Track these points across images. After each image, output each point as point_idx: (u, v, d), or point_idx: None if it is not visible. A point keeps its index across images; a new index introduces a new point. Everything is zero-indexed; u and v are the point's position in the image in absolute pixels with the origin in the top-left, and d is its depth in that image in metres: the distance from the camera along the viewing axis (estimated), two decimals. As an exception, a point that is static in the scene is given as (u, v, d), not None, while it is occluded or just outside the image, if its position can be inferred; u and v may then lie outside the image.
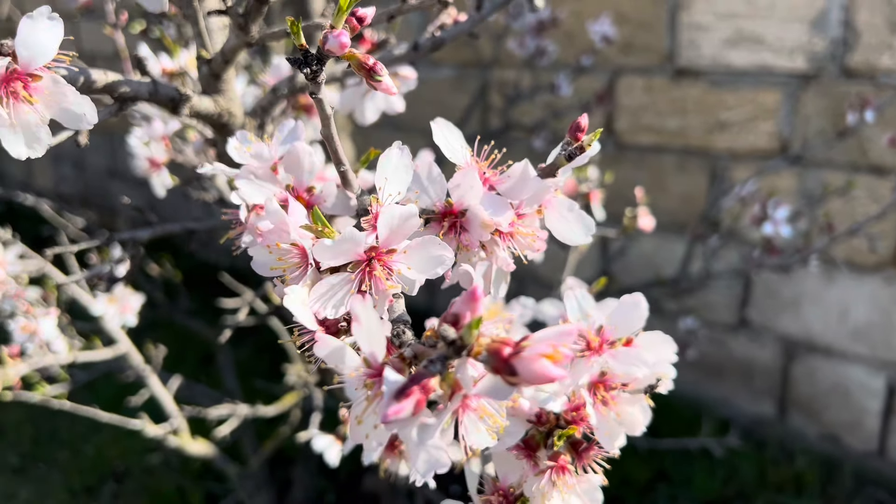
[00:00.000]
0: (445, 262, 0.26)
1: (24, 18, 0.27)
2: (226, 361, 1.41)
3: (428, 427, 0.19)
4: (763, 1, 1.80)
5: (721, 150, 1.94)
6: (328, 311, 0.24)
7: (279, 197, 0.31)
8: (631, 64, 2.05)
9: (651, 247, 2.14)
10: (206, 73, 0.41)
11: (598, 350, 0.33)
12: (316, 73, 0.25)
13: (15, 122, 0.27)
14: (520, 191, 0.30)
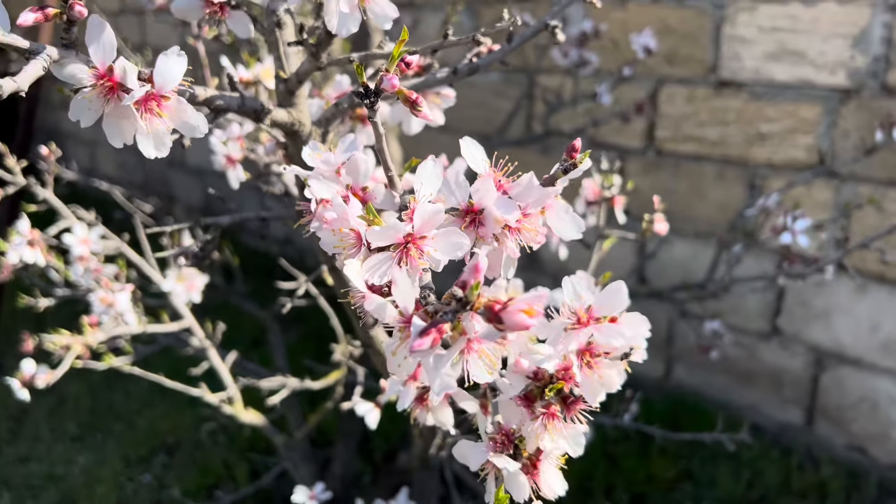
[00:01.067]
0: (464, 247, 0.35)
1: (160, 55, 0.37)
2: (276, 342, 1.52)
3: (441, 357, 0.28)
4: (806, 16, 1.84)
5: (760, 162, 1.98)
6: (375, 279, 0.33)
7: (341, 194, 0.40)
8: (674, 74, 2.10)
9: (687, 253, 2.19)
10: (282, 90, 0.51)
11: (586, 324, 0.41)
12: (373, 103, 0.34)
13: (149, 131, 0.36)
14: (526, 196, 0.39)
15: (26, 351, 1.44)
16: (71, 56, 0.36)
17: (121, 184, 4.57)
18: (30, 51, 0.34)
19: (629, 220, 2.29)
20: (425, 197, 0.35)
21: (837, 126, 1.84)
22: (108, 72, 0.35)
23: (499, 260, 0.39)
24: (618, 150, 2.25)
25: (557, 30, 0.51)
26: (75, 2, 0.34)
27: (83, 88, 0.36)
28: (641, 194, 2.26)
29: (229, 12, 0.51)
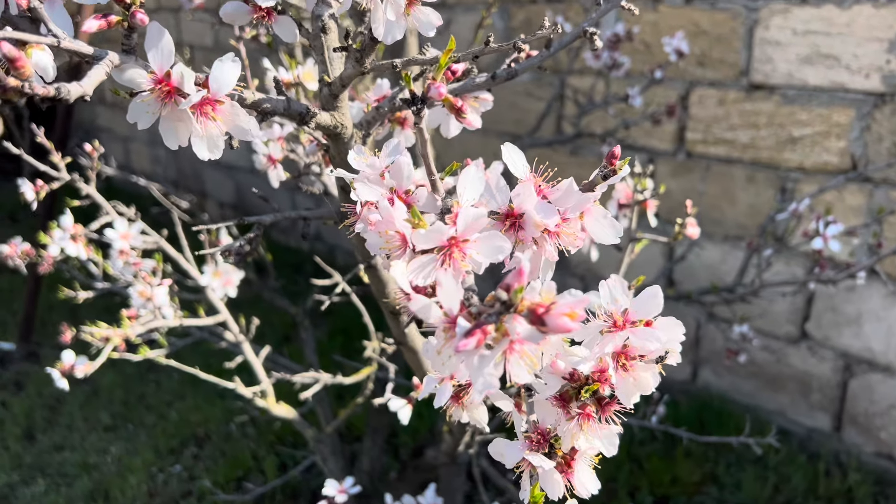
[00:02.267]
0: (504, 250, 0.36)
1: (216, 61, 0.38)
2: (308, 338, 1.55)
3: (485, 357, 0.29)
4: (840, 20, 1.82)
5: (791, 166, 1.97)
6: (419, 280, 0.34)
7: (385, 196, 0.41)
8: (706, 77, 2.09)
9: (717, 255, 2.18)
10: (326, 94, 0.52)
11: (622, 327, 0.42)
12: (420, 110, 0.35)
13: (203, 133, 0.38)
14: (565, 201, 0.40)
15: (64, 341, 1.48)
16: (130, 61, 0.37)
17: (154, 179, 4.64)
18: (93, 56, 0.36)
19: (659, 222, 2.29)
20: (468, 201, 0.37)
21: (871, 130, 1.83)
22: (166, 77, 0.37)
23: (537, 263, 0.41)
24: (648, 152, 2.24)
25: (596, 36, 0.52)
26: (137, 10, 0.36)
27: (142, 92, 0.38)
28: (671, 197, 2.25)
29: (276, 17, 0.53)
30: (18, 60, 0.31)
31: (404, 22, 0.41)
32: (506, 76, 0.54)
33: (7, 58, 0.31)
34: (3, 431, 2.36)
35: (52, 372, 1.14)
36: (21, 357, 2.84)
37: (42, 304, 2.96)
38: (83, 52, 0.35)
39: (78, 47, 0.35)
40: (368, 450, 1.57)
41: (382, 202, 0.35)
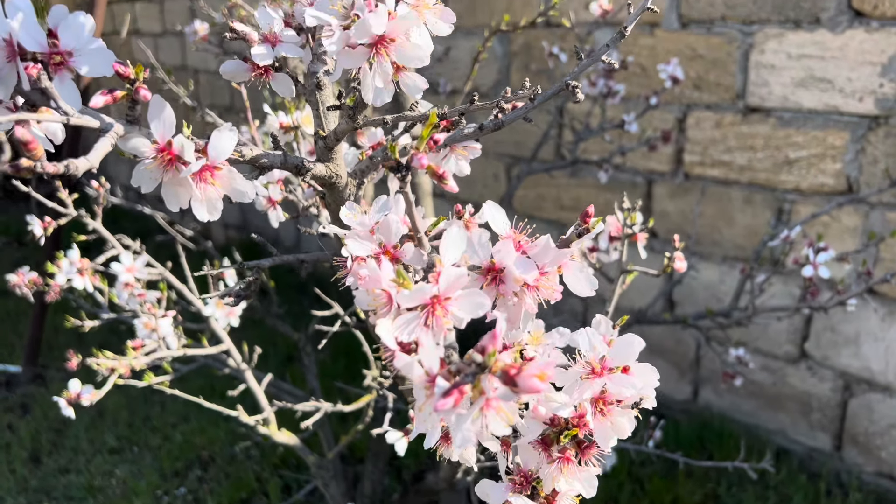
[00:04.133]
0: (485, 306, 0.38)
1: (214, 131, 0.41)
2: (309, 363, 1.57)
3: (462, 415, 0.31)
4: (833, 44, 1.85)
5: (788, 187, 1.99)
6: (404, 336, 0.37)
7: (374, 252, 0.44)
8: (702, 100, 2.12)
9: (716, 276, 2.20)
10: (321, 146, 0.55)
11: (600, 374, 0.44)
12: (405, 176, 0.38)
13: (203, 198, 0.40)
14: (543, 256, 0.42)
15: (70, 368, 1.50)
16: (134, 131, 0.40)
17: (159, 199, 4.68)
18: (100, 129, 0.38)
19: (657, 242, 2.31)
20: (450, 260, 0.39)
21: (865, 153, 1.85)
22: (168, 146, 0.40)
23: (518, 314, 0.43)
24: (646, 174, 2.27)
25: (578, 90, 0.55)
26: (140, 86, 0.39)
27: (145, 160, 0.40)
28: (669, 218, 2.28)
29: (273, 74, 0.56)
30: (31, 143, 0.34)
31: (392, 87, 0.44)
32: (492, 127, 0.56)
33: (21, 141, 0.34)
34: (10, 455, 2.38)
35: (58, 400, 1.16)
36: (27, 380, 2.86)
37: (48, 327, 2.99)
38: (90, 125, 0.38)
39: (86, 122, 0.38)
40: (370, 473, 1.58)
41: (371, 263, 0.37)
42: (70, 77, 0.39)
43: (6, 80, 0.39)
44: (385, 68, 0.42)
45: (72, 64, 0.39)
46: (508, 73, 2.60)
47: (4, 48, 0.39)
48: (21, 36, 0.38)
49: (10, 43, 0.39)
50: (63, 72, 0.39)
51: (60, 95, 0.39)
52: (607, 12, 1.48)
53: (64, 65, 0.39)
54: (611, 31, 2.24)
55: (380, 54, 0.41)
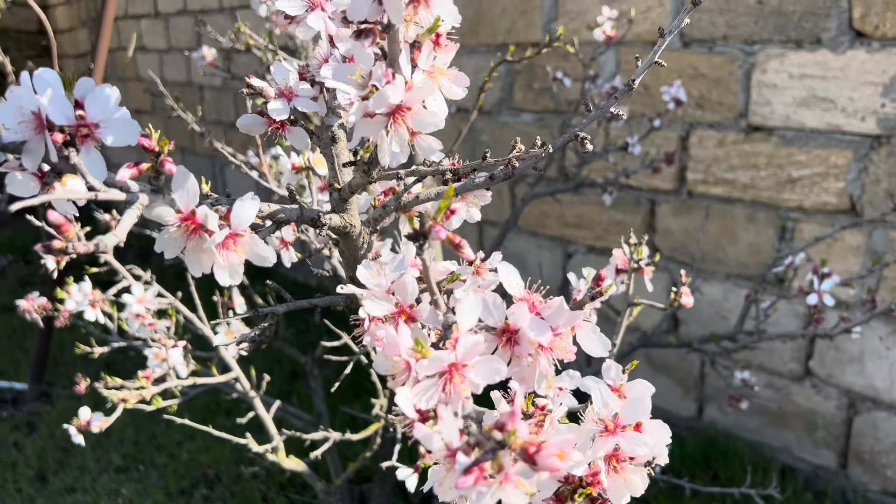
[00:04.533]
0: (501, 372, 0.39)
1: (237, 200, 0.42)
2: (316, 387, 1.58)
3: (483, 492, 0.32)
4: (835, 64, 1.86)
5: (791, 206, 2.00)
6: (422, 404, 0.38)
7: (391, 311, 0.45)
8: (705, 118, 2.13)
9: (720, 294, 2.20)
10: (336, 198, 0.56)
11: (613, 432, 0.45)
12: (422, 245, 0.39)
13: (225, 264, 0.41)
14: (557, 318, 0.43)
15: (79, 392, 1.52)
16: (159, 200, 0.41)
17: (162, 215, 4.69)
18: (126, 201, 0.40)
19: (662, 259, 2.31)
20: (466, 326, 0.40)
21: (868, 172, 1.86)
22: (192, 215, 0.41)
23: (533, 374, 0.44)
24: (649, 191, 2.28)
25: (586, 141, 0.56)
26: (165, 159, 0.40)
27: (169, 227, 0.41)
28: (673, 236, 2.29)
29: (289, 128, 0.57)
30: (63, 226, 0.35)
31: (408, 150, 0.45)
32: (503, 177, 0.57)
33: (53, 224, 0.35)
34: (16, 473, 2.39)
35: (69, 428, 1.17)
36: (33, 397, 2.87)
37: (54, 343, 3.00)
38: (118, 199, 0.39)
39: (113, 196, 0.39)
40: (377, 496, 1.59)
41: (389, 332, 0.38)
42: (96, 148, 0.40)
43: (34, 151, 0.40)
44: (402, 135, 0.43)
45: (98, 134, 0.40)
46: (511, 90, 2.62)
47: (33, 121, 0.40)
48: (50, 111, 0.39)
49: (38, 116, 0.40)
50: (89, 143, 0.40)
51: (87, 166, 0.40)
52: (611, 38, 1.49)
53: (90, 136, 0.40)
54: (615, 53, 2.26)
55: (397, 122, 0.42)
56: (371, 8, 0.39)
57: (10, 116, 0.40)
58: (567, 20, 2.39)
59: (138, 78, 4.62)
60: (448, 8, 0.40)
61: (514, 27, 2.54)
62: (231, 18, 3.66)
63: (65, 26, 5.50)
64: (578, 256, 2.56)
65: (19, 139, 0.40)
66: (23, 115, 0.40)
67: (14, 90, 0.40)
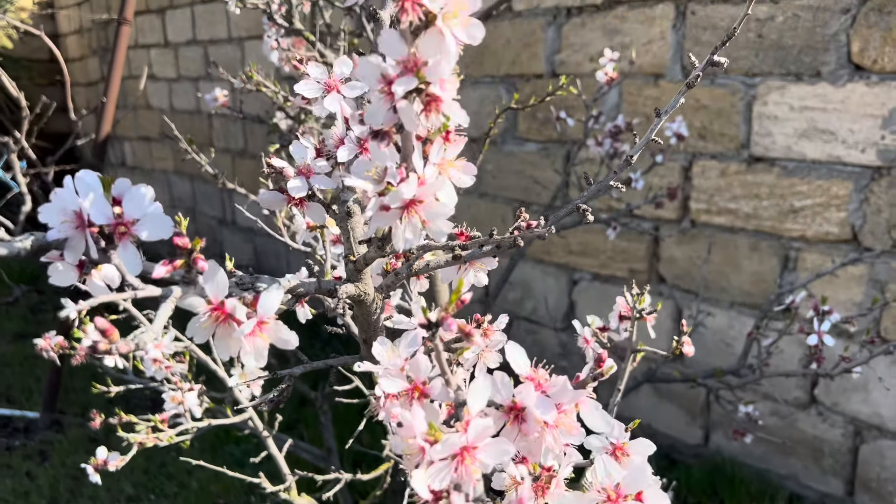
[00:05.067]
0: (510, 453, 0.42)
1: (264, 292, 0.45)
2: (326, 422, 1.61)
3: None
4: (835, 97, 1.90)
5: (793, 235, 2.02)
6: (436, 484, 0.41)
7: (404, 389, 0.48)
8: (707, 149, 2.17)
9: (725, 322, 2.22)
10: (351, 269, 0.59)
11: (615, 502, 0.48)
12: (434, 334, 0.42)
13: (252, 349, 0.45)
14: (561, 396, 0.46)
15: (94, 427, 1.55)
16: (190, 291, 0.44)
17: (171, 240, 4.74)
18: (162, 296, 0.43)
19: (665, 287, 2.33)
20: (476, 409, 0.43)
21: (869, 202, 1.88)
22: (221, 305, 0.44)
23: (539, 449, 0.47)
24: (653, 220, 2.31)
25: (588, 213, 0.59)
26: (198, 256, 0.43)
27: (200, 317, 0.45)
28: (677, 264, 2.31)
29: (307, 204, 0.61)
30: (108, 331, 0.38)
31: (420, 235, 0.48)
32: (509, 245, 0.61)
33: (99, 329, 0.38)
34: (28, 502, 2.41)
35: (86, 468, 1.20)
36: (45, 426, 2.90)
37: (64, 370, 3.03)
38: (154, 294, 0.42)
39: (150, 293, 0.42)
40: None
41: (405, 417, 0.41)
42: (132, 243, 0.44)
43: (76, 247, 0.44)
44: (415, 224, 0.46)
45: (134, 231, 0.44)
46: (516, 120, 2.66)
47: (75, 220, 0.44)
48: (91, 213, 0.42)
49: (79, 215, 0.43)
50: (126, 240, 0.44)
51: (124, 262, 0.43)
52: (612, 79, 1.53)
53: (127, 233, 0.44)
54: (617, 93, 2.30)
55: (410, 213, 0.46)
56: (387, 116, 0.43)
57: (54, 216, 0.44)
58: (570, 52, 2.43)
59: (148, 106, 4.69)
60: (456, 110, 0.43)
61: (518, 59, 2.58)
62: (240, 48, 3.72)
63: (76, 55, 5.59)
64: (584, 283, 2.59)
65: (62, 236, 0.44)
66: (66, 214, 0.43)
67: (58, 192, 0.44)
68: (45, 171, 2.83)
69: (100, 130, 2.89)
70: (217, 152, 4.05)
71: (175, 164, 4.51)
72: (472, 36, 0.42)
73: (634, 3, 2.26)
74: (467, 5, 0.41)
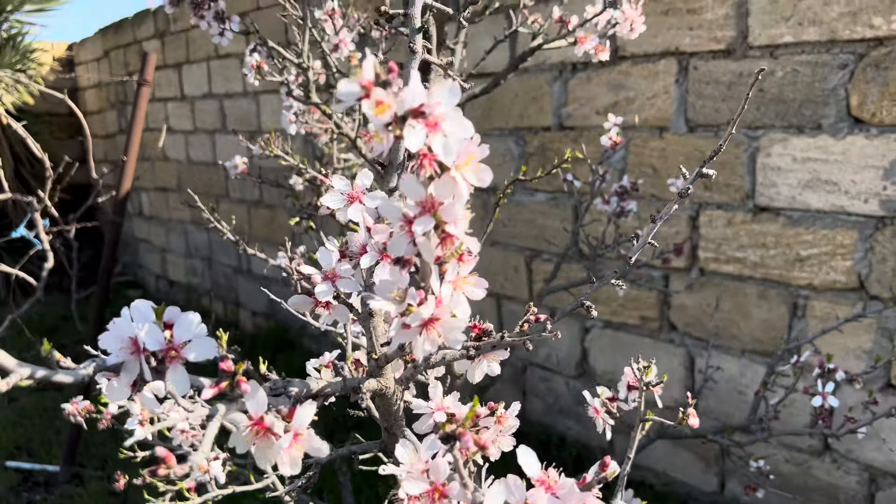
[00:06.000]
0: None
1: (299, 407, 0.50)
2: (345, 481, 1.64)
3: None
4: (836, 149, 1.95)
5: (801, 283, 2.06)
6: (459, 587, 0.45)
7: (425, 490, 0.52)
8: (713, 199, 2.21)
9: (736, 369, 2.25)
10: (373, 365, 0.64)
11: None
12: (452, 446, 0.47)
13: (288, 460, 0.50)
14: (570, 498, 0.51)
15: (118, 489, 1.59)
16: (233, 408, 0.49)
17: (190, 288, 4.82)
18: (209, 415, 0.48)
19: (676, 334, 2.36)
20: (494, 506, 0.47)
21: (874, 251, 1.92)
22: (260, 420, 0.49)
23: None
24: (662, 269, 2.35)
25: (591, 309, 0.64)
26: (241, 379, 0.48)
27: (242, 430, 0.49)
28: (687, 311, 2.35)
29: (333, 306, 0.66)
30: (167, 458, 0.43)
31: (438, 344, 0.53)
32: (518, 338, 0.65)
33: (159, 458, 0.43)
34: (51, 559, 2.44)
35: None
36: (65, 480, 2.94)
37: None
38: (204, 416, 0.47)
39: (200, 413, 0.47)
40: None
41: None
42: (181, 364, 0.49)
43: (131, 369, 0.49)
44: (433, 338, 0.51)
45: (182, 353, 0.49)
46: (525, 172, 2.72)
47: (130, 345, 0.49)
48: (147, 341, 0.48)
49: (135, 342, 0.49)
50: (176, 362, 0.49)
51: (174, 383, 0.48)
52: (617, 143, 1.59)
53: (178, 356, 0.49)
54: (623, 152, 2.36)
55: (429, 329, 0.51)
56: (408, 248, 0.48)
57: (113, 343, 0.49)
58: (577, 106, 2.50)
59: (165, 157, 4.80)
60: (470, 243, 0.48)
61: (525, 112, 2.65)
62: (255, 102, 3.83)
63: (94, 108, 5.74)
64: (596, 330, 2.62)
65: (119, 361, 0.49)
66: (123, 341, 0.49)
67: (116, 322, 0.49)
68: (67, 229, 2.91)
69: (120, 187, 2.98)
70: (233, 203, 4.14)
71: (192, 215, 4.61)
72: (482, 179, 0.47)
73: (638, 59, 2.34)
74: (476, 155, 0.46)
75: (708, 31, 2.16)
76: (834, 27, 1.91)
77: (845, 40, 1.90)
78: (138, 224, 5.37)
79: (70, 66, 5.96)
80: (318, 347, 3.95)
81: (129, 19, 4.89)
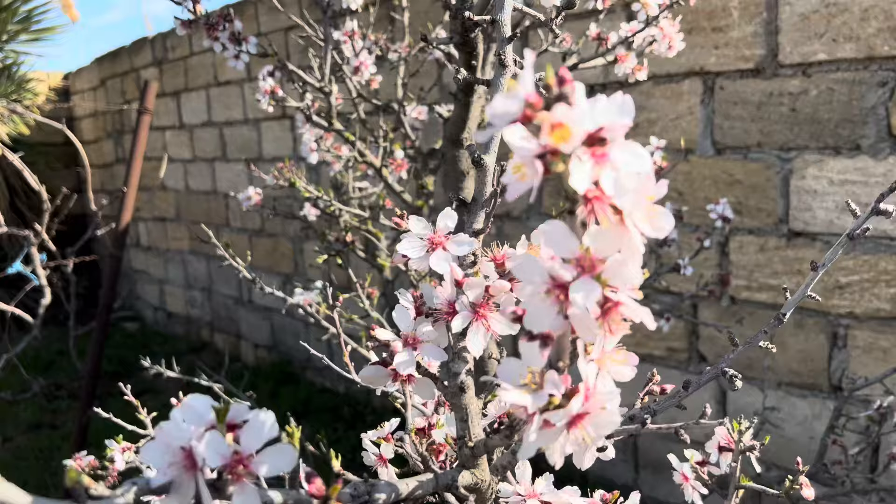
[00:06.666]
0: None
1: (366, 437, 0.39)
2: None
3: None
4: (876, 171, 1.86)
5: (841, 312, 1.96)
6: None
7: None
8: (744, 224, 2.12)
9: (772, 401, 2.14)
10: (467, 454, 0.53)
11: None
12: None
13: None
14: None
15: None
16: None
17: (189, 320, 4.69)
18: None
19: (705, 365, 2.25)
20: None
21: (920, 278, 1.82)
22: None
23: None
24: (691, 296, 2.25)
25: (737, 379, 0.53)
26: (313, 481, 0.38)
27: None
28: (717, 341, 2.24)
29: (416, 380, 0.55)
30: None
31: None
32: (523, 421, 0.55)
33: None
34: None
35: None
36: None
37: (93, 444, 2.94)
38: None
39: None
40: None
41: None
42: (251, 485, 0.38)
43: (185, 493, 0.37)
44: (578, 441, 0.40)
45: (252, 468, 0.38)
46: (541, 196, 2.63)
47: (183, 459, 0.37)
48: (207, 455, 0.36)
49: (189, 455, 0.37)
50: (244, 481, 0.38)
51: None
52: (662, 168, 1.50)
53: (247, 472, 0.37)
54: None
55: (575, 427, 0.40)
56: (556, 322, 0.37)
57: (159, 456, 0.37)
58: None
59: (164, 186, 4.69)
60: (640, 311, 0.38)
61: (542, 136, 2.56)
62: (256, 129, 3.73)
63: (90, 138, 5.62)
64: (619, 362, 2.51)
65: (167, 480, 0.37)
66: (173, 454, 0.37)
67: (164, 427, 0.38)
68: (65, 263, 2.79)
69: (120, 219, 2.87)
70: (234, 232, 4.02)
71: (191, 244, 4.48)
72: (659, 227, 0.36)
73: (660, 80, 2.25)
74: (654, 193, 0.36)
75: (735, 49, 2.08)
76: (872, 43, 1.82)
77: (884, 56, 1.81)
78: (135, 255, 5.23)
79: (66, 96, 5.86)
80: (321, 381, 3.83)
81: (126, 48, 4.80)
